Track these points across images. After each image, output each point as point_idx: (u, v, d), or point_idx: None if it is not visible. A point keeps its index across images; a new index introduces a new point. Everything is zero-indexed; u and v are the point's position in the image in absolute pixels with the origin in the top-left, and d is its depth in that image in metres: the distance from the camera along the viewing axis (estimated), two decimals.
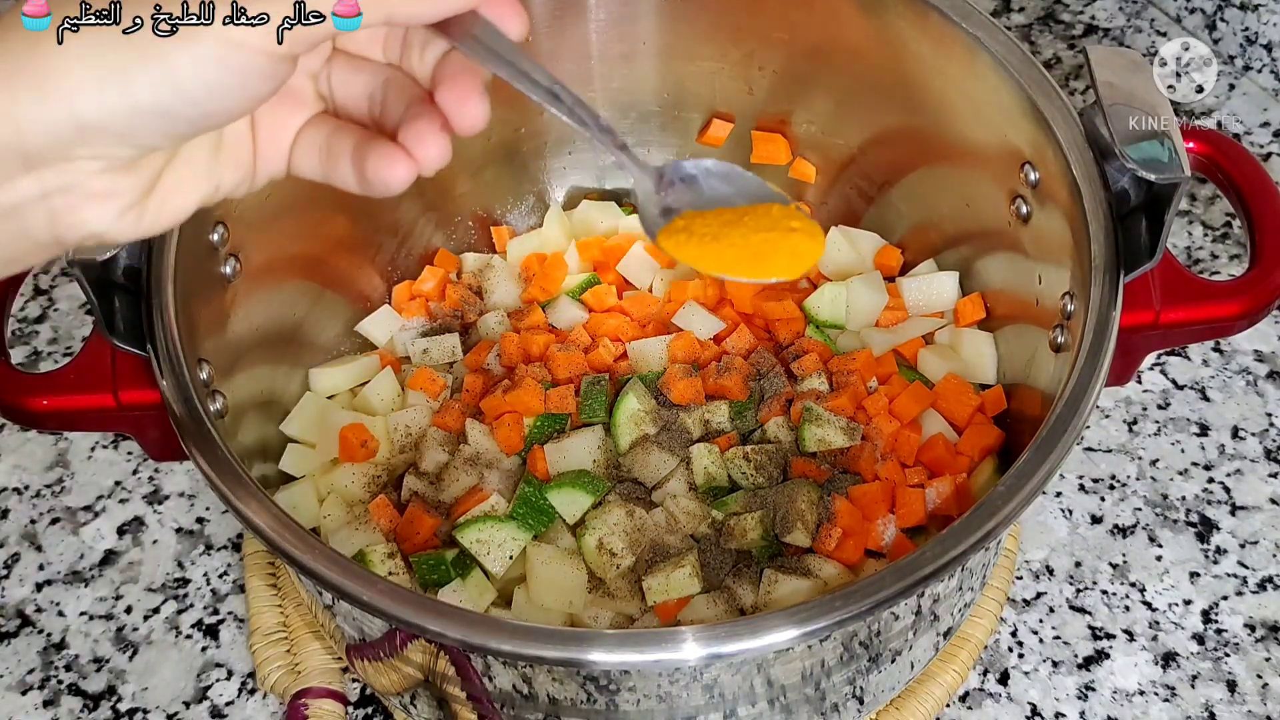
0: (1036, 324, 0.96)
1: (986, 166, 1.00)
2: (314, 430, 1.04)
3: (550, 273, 1.14)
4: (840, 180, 1.17)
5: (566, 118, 0.65)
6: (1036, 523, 1.09)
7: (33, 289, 1.28)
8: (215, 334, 0.92)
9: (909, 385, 1.04)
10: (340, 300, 1.12)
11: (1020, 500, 0.76)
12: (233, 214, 0.94)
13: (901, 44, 1.03)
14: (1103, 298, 0.83)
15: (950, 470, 0.99)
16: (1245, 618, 1.03)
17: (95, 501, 1.13)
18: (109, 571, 1.09)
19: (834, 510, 0.96)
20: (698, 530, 0.97)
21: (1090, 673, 1.01)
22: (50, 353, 1.23)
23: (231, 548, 1.10)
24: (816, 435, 0.99)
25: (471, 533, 0.94)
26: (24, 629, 1.06)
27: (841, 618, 0.72)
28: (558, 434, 1.02)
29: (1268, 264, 0.88)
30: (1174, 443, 1.13)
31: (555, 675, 0.77)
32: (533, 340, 1.07)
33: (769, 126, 1.17)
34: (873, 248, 1.15)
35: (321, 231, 1.08)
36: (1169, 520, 1.09)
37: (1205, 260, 1.25)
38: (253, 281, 0.97)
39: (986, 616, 1.01)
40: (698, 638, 0.71)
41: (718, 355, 1.07)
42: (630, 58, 1.15)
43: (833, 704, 0.87)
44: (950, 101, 1.02)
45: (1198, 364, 1.18)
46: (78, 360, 0.86)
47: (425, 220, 1.17)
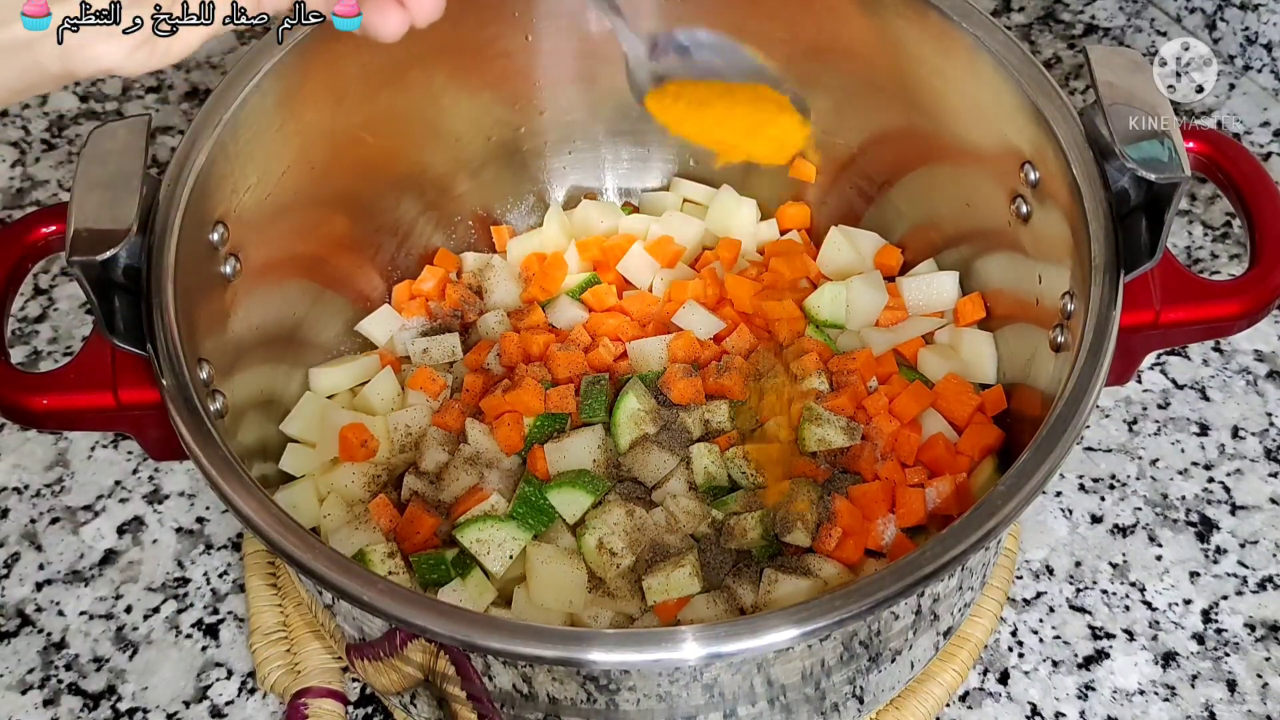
0: (1036, 323, 0.96)
1: (986, 166, 1.00)
2: (314, 430, 1.04)
3: (550, 272, 1.14)
4: (840, 180, 1.17)
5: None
6: (1036, 522, 1.09)
7: (33, 288, 1.28)
8: (215, 333, 0.92)
9: (909, 385, 1.04)
10: (340, 300, 1.12)
11: (1020, 500, 0.76)
12: (233, 213, 0.94)
13: (901, 44, 1.03)
14: (1103, 297, 0.83)
15: (950, 470, 0.99)
16: (1245, 617, 1.03)
17: (95, 501, 1.13)
18: (109, 571, 1.09)
19: (834, 510, 0.96)
20: (698, 530, 0.97)
21: (1090, 672, 1.01)
22: (50, 352, 1.23)
23: (231, 547, 1.10)
24: (817, 435, 0.99)
25: (471, 532, 0.94)
26: (24, 628, 1.06)
27: (841, 617, 0.72)
28: (558, 434, 1.02)
29: (1268, 264, 0.88)
30: (1174, 442, 1.13)
31: (555, 675, 0.77)
32: (533, 340, 1.07)
33: None
34: (873, 247, 1.15)
35: (321, 231, 1.08)
36: (1169, 520, 1.09)
37: (1205, 260, 1.25)
38: (253, 281, 0.97)
39: (986, 616, 1.01)
40: (698, 637, 0.71)
41: (718, 355, 1.07)
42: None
43: (833, 703, 0.87)
44: (950, 101, 1.02)
45: (1198, 364, 1.18)
46: (78, 360, 0.86)
47: (425, 220, 1.17)
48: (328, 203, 1.06)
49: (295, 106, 0.99)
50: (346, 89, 1.03)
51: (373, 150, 1.08)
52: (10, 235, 0.89)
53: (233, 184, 0.94)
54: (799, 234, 1.19)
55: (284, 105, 0.97)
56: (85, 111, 1.44)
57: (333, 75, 1.01)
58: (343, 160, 1.06)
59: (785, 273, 1.12)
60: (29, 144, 1.41)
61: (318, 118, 1.02)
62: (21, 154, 1.41)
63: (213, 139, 0.91)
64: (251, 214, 0.96)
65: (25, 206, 1.35)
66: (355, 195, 1.10)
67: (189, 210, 0.88)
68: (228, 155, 0.93)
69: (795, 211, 1.20)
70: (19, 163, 1.40)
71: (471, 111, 1.14)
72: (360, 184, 1.10)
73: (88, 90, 1.46)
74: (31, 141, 1.42)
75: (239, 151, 0.94)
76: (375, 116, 1.07)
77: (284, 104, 0.97)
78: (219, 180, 0.92)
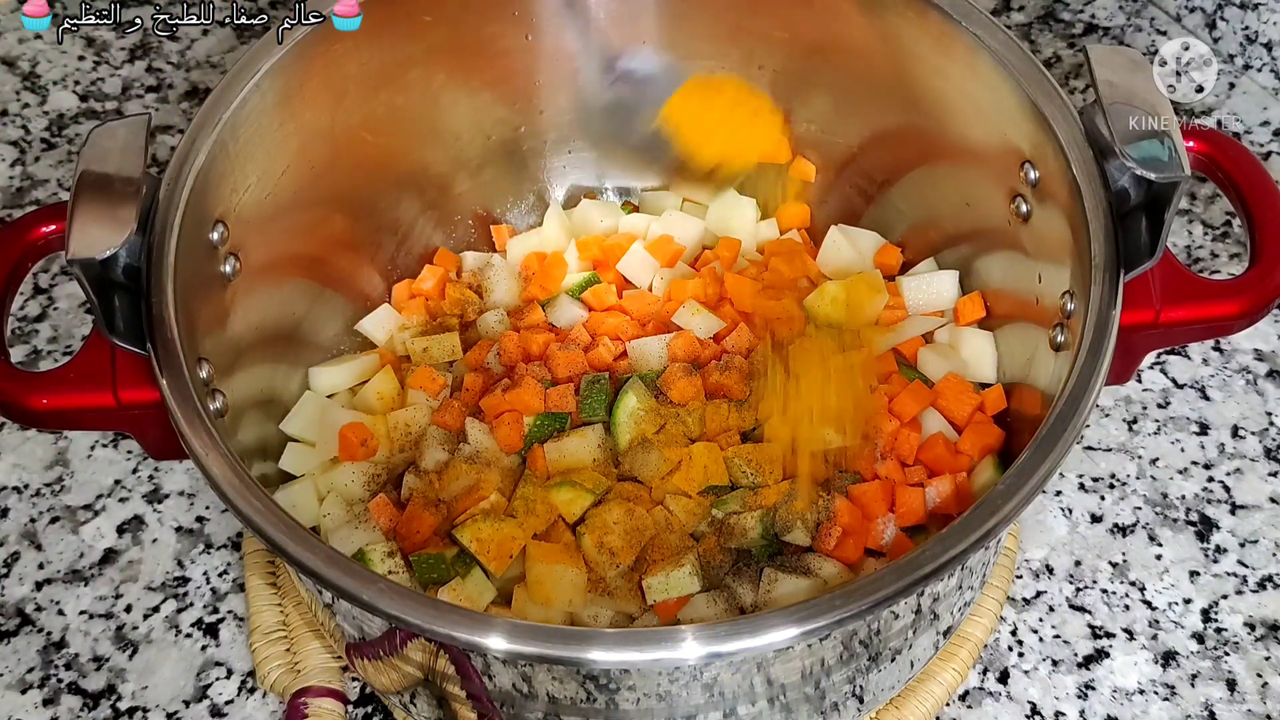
0: (1036, 323, 0.96)
1: (986, 165, 1.00)
2: (314, 429, 1.04)
3: (550, 271, 1.14)
4: (840, 179, 1.17)
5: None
6: (1036, 522, 1.09)
7: (33, 288, 1.28)
8: (215, 333, 0.92)
9: (909, 384, 1.04)
10: (340, 299, 1.12)
11: (1020, 499, 0.76)
12: (233, 212, 0.94)
13: (901, 43, 1.03)
14: (1103, 297, 0.83)
15: (950, 469, 0.99)
16: (1245, 616, 1.03)
17: (95, 500, 1.13)
18: (109, 570, 1.09)
19: (834, 509, 0.96)
20: (697, 529, 0.97)
21: (1090, 671, 1.01)
22: (50, 351, 1.23)
23: (231, 546, 1.10)
24: (816, 435, 0.99)
25: (471, 532, 0.94)
26: (24, 628, 1.06)
27: (841, 616, 0.72)
28: (557, 433, 1.02)
29: (1268, 263, 0.88)
30: (1174, 442, 1.13)
31: (555, 674, 0.77)
32: (532, 339, 1.07)
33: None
34: (872, 246, 1.15)
35: (321, 230, 1.08)
36: (1169, 519, 1.09)
37: (1205, 259, 1.25)
38: (252, 280, 0.97)
39: (986, 615, 1.01)
40: (697, 637, 0.71)
41: (717, 354, 1.07)
42: (630, 57, 1.14)
43: (832, 703, 0.87)
44: (950, 100, 1.02)
45: (1197, 363, 1.18)
46: (77, 359, 0.86)
47: (425, 219, 1.17)
48: (327, 202, 1.06)
49: (295, 106, 0.99)
50: (346, 88, 1.03)
51: (373, 149, 1.08)
52: (10, 234, 0.89)
53: (232, 183, 0.94)
54: (799, 233, 1.19)
55: (284, 104, 0.97)
56: (85, 111, 1.44)
57: (332, 74, 1.01)
58: (343, 159, 1.06)
59: (785, 272, 1.12)
60: (29, 143, 1.41)
61: (317, 117, 1.02)
62: (21, 153, 1.41)
63: (213, 138, 0.91)
64: (251, 213, 0.96)
65: (25, 206, 1.35)
66: (355, 194, 1.10)
67: (189, 209, 0.88)
68: (228, 154, 0.93)
69: (795, 211, 1.20)
70: (19, 162, 1.40)
71: (471, 111, 1.14)
72: (360, 183, 1.10)
73: (87, 89, 1.46)
74: (31, 141, 1.42)
75: (239, 151, 0.94)
76: (375, 116, 1.07)
77: (284, 103, 0.97)
78: (219, 179, 0.92)
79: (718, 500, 0.98)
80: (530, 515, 0.96)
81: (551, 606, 0.93)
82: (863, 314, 1.08)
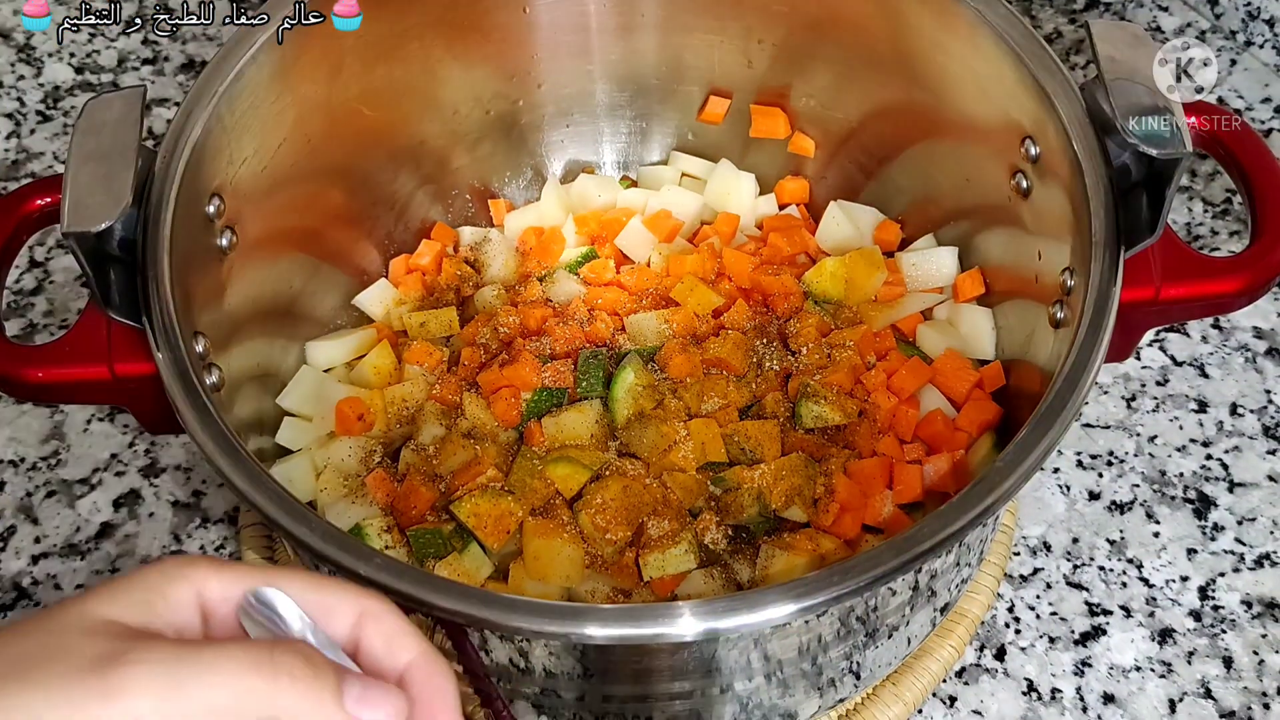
0: (1036, 299, 0.96)
1: (987, 141, 1.00)
2: (310, 404, 1.04)
3: (548, 246, 1.14)
4: (840, 155, 1.17)
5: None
6: (1034, 499, 1.09)
7: (28, 261, 1.27)
8: (211, 306, 0.92)
9: (907, 361, 1.04)
10: (337, 273, 1.12)
11: (1018, 476, 0.76)
12: (229, 186, 0.93)
13: (902, 17, 1.02)
14: (1103, 273, 0.83)
15: (948, 446, 0.99)
16: (1242, 594, 1.03)
17: (91, 474, 1.13)
18: (105, 544, 1.09)
19: (832, 485, 0.96)
20: (695, 505, 0.97)
21: (1087, 649, 1.01)
22: (46, 325, 1.23)
23: (228, 521, 1.10)
24: (814, 411, 0.99)
25: (468, 507, 0.94)
26: (20, 601, 1.06)
27: (839, 593, 0.72)
28: (555, 408, 1.02)
29: (1268, 240, 0.88)
30: (1172, 419, 1.13)
31: (552, 649, 0.77)
32: (530, 314, 1.07)
33: (768, 100, 1.17)
34: (872, 222, 1.15)
35: (318, 204, 1.07)
36: (1167, 497, 1.09)
37: (1205, 236, 1.25)
38: (249, 254, 0.96)
39: (984, 592, 1.01)
40: (695, 613, 0.71)
41: (716, 329, 1.07)
42: (629, 30, 1.14)
43: (829, 679, 0.87)
44: (951, 75, 1.01)
45: (1197, 340, 1.18)
46: (73, 332, 0.86)
47: (422, 193, 1.17)
48: (324, 175, 1.06)
49: (292, 79, 0.98)
50: (343, 61, 1.02)
51: (370, 123, 1.08)
52: (5, 207, 0.89)
53: (229, 156, 0.94)
54: (798, 209, 1.19)
55: (280, 77, 0.97)
56: (80, 83, 1.43)
57: (329, 47, 1.00)
58: (339, 132, 1.05)
59: (784, 247, 1.11)
60: (24, 115, 1.41)
61: (314, 90, 1.01)
62: (16, 126, 1.40)
63: (209, 111, 0.91)
64: (248, 186, 0.96)
65: (20, 178, 1.35)
66: (352, 168, 1.09)
67: (185, 182, 0.88)
68: (224, 127, 0.92)
69: (794, 186, 1.19)
70: (14, 134, 1.39)
71: (469, 84, 1.14)
72: (357, 157, 1.09)
73: (83, 62, 1.45)
74: (26, 113, 1.41)
75: (235, 124, 0.93)
76: (372, 89, 1.06)
77: (280, 76, 0.97)
78: (215, 152, 0.92)
79: (715, 476, 0.98)
80: (528, 491, 0.96)
81: (549, 582, 0.93)
82: (861, 290, 1.08)
